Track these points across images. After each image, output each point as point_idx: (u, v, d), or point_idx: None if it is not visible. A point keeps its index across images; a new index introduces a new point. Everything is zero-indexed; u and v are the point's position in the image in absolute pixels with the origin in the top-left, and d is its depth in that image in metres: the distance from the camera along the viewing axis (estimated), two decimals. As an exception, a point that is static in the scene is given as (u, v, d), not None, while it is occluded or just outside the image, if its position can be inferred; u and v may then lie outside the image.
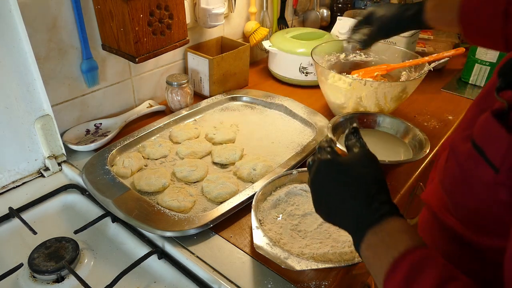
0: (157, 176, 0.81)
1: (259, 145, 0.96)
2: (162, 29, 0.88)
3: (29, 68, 0.76)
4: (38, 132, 0.82)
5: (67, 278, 0.66)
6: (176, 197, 0.76)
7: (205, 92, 1.16)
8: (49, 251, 0.68)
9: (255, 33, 1.28)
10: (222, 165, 0.90)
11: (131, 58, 0.87)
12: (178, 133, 0.96)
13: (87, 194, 0.80)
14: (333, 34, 1.35)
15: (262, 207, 0.74)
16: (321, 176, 0.52)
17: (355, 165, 0.51)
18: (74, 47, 0.89)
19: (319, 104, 1.15)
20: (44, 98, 0.80)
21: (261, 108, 1.12)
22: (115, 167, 0.85)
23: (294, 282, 0.63)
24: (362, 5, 1.69)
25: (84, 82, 0.94)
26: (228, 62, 1.13)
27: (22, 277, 0.65)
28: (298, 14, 1.57)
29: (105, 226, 0.75)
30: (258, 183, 0.80)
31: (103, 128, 0.98)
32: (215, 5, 1.08)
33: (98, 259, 0.70)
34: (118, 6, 0.81)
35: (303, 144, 0.96)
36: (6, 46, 0.72)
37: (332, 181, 0.51)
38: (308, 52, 1.12)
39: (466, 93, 1.25)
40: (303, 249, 0.65)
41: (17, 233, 0.74)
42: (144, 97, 1.10)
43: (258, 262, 0.67)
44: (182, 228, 0.69)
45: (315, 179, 0.53)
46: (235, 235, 0.72)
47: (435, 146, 0.99)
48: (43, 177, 0.85)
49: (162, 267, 0.68)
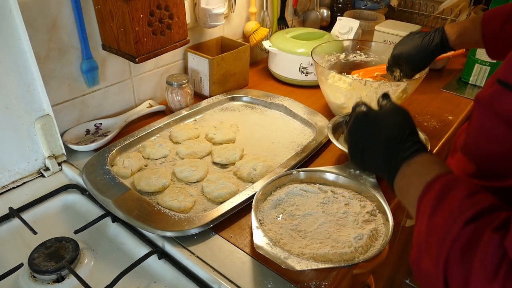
0: (157, 176, 0.81)
1: (259, 145, 0.96)
2: (162, 29, 0.88)
3: (29, 68, 0.76)
4: (38, 132, 0.82)
5: (67, 278, 0.66)
6: (176, 197, 0.76)
7: (205, 92, 1.16)
8: (49, 251, 0.68)
9: (255, 33, 1.28)
10: (222, 165, 0.90)
11: (131, 58, 0.87)
12: (178, 133, 0.96)
13: (87, 194, 0.80)
14: (333, 34, 1.35)
15: (262, 207, 0.74)
16: (358, 125, 0.61)
17: (389, 114, 0.58)
18: (74, 47, 0.89)
19: (319, 104, 1.15)
20: (44, 98, 0.80)
21: (261, 108, 1.12)
22: (115, 167, 0.85)
23: (294, 282, 0.63)
24: (362, 5, 1.69)
25: (84, 82, 0.94)
26: (228, 62, 1.13)
27: (22, 277, 0.65)
28: (298, 14, 1.57)
29: (105, 226, 0.75)
30: (258, 183, 0.80)
31: (103, 128, 0.98)
32: (215, 5, 1.08)
33: (98, 259, 0.70)
34: (118, 6, 0.81)
35: (303, 144, 0.96)
36: (6, 46, 0.72)
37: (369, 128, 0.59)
38: (308, 52, 1.12)
39: (466, 93, 1.25)
40: (303, 249, 0.65)
41: (17, 233, 0.74)
42: (144, 97, 1.10)
43: (258, 262, 0.67)
44: (182, 228, 0.69)
45: (353, 128, 0.61)
46: (235, 235, 0.72)
47: (435, 146, 0.99)
48: (43, 177, 0.85)
49: (162, 267, 0.68)
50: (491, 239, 0.38)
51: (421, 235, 0.46)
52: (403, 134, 0.55)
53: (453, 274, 0.41)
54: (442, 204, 0.45)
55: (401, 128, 0.55)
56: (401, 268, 1.44)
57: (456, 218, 0.42)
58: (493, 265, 0.37)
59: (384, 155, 0.56)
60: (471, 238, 0.40)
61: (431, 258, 0.43)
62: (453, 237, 0.41)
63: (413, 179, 0.51)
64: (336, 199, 0.76)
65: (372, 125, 0.59)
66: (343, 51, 1.18)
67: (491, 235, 0.39)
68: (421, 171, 0.51)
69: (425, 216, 0.46)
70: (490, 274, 0.37)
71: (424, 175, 0.50)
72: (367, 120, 0.60)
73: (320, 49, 1.11)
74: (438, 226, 0.44)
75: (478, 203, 0.42)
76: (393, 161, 0.54)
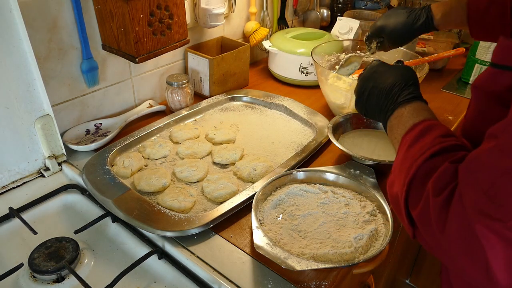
0: (157, 176, 0.81)
1: (259, 145, 0.96)
2: (162, 29, 0.88)
3: (29, 68, 0.76)
4: (38, 132, 0.82)
5: (67, 278, 0.66)
6: (176, 197, 0.76)
7: (205, 92, 1.16)
8: (49, 251, 0.68)
9: (255, 33, 1.28)
10: (222, 165, 0.90)
11: (131, 58, 0.87)
12: (178, 133, 0.96)
13: (87, 194, 0.80)
14: (333, 34, 1.35)
15: (262, 207, 0.74)
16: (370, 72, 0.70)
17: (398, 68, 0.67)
18: (74, 47, 0.89)
19: (319, 104, 1.15)
20: (44, 98, 0.80)
21: (261, 108, 1.12)
22: (115, 167, 0.85)
23: (294, 282, 0.63)
24: (362, 5, 1.69)
25: (84, 82, 0.94)
26: (228, 62, 1.13)
27: (22, 277, 0.65)
28: (298, 14, 1.57)
29: (105, 226, 0.75)
30: (258, 183, 0.80)
31: (103, 128, 0.98)
32: (215, 5, 1.08)
33: (98, 259, 0.70)
34: (118, 6, 0.81)
35: (303, 144, 0.96)
36: (6, 46, 0.72)
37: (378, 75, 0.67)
38: (308, 52, 1.12)
39: (466, 93, 1.25)
40: (303, 249, 0.65)
41: (17, 233, 0.74)
42: (144, 97, 1.10)
43: (258, 262, 0.67)
44: (182, 228, 0.69)
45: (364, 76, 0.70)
46: (235, 235, 0.72)
47: (435, 146, 0.99)
48: (43, 177, 0.85)
49: (162, 267, 0.68)
50: (446, 168, 0.46)
51: (397, 163, 0.55)
52: (406, 83, 0.63)
53: (411, 193, 0.49)
54: (418, 140, 0.53)
55: (405, 79, 0.64)
56: (401, 268, 1.44)
57: (424, 151, 0.50)
58: (442, 185, 0.45)
59: (386, 98, 0.64)
60: (432, 167, 0.48)
61: (400, 181, 0.52)
62: (418, 165, 0.49)
63: (404, 119, 0.59)
64: (336, 199, 0.76)
65: (381, 73, 0.67)
66: (343, 51, 1.18)
67: (447, 165, 0.46)
68: (412, 114, 0.59)
69: (404, 149, 0.54)
70: (437, 191, 0.45)
71: (414, 117, 0.58)
72: (378, 70, 0.69)
73: (320, 49, 1.11)
74: (410, 157, 0.52)
75: (445, 142, 0.50)
76: (392, 102, 0.63)
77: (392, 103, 0.63)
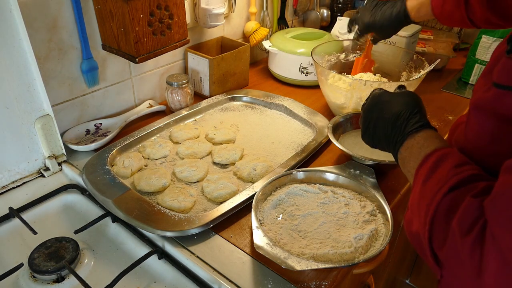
0: (157, 176, 0.81)
1: (259, 145, 0.96)
2: (162, 29, 0.88)
3: (29, 68, 0.76)
4: (38, 132, 0.82)
5: (67, 278, 0.66)
6: (176, 197, 0.76)
7: (205, 92, 1.16)
8: (49, 251, 0.68)
9: (255, 33, 1.28)
10: (222, 165, 0.90)
11: (131, 58, 0.87)
12: (178, 133, 0.96)
13: (87, 194, 0.80)
14: (333, 34, 1.35)
15: (262, 207, 0.74)
16: (373, 102, 0.67)
17: (402, 95, 0.65)
18: (74, 47, 0.89)
19: (319, 104, 1.15)
20: (44, 98, 0.80)
21: (261, 108, 1.12)
22: (115, 167, 0.85)
23: (294, 282, 0.63)
24: (362, 5, 1.69)
25: (84, 82, 0.94)
26: (228, 62, 1.13)
27: (22, 277, 0.65)
28: (298, 14, 1.57)
29: (105, 226, 0.75)
30: (258, 183, 0.80)
31: (103, 128, 0.98)
32: (215, 5, 1.08)
33: (98, 259, 0.70)
34: (118, 6, 0.81)
35: (303, 144, 0.96)
36: (6, 46, 0.72)
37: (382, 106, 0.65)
38: (308, 52, 1.12)
39: (466, 93, 1.26)
40: (303, 249, 0.65)
41: (17, 233, 0.74)
42: (144, 97, 1.10)
43: (258, 262, 0.67)
44: (182, 228, 0.69)
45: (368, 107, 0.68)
46: (235, 235, 0.72)
47: (435, 146, 0.99)
48: (43, 177, 0.85)
49: (162, 267, 0.68)
50: (469, 203, 0.43)
51: (414, 200, 0.52)
52: (412, 111, 0.61)
53: (435, 232, 0.46)
54: (434, 173, 0.51)
55: (411, 107, 0.62)
56: (401, 268, 1.44)
57: (442, 186, 0.47)
58: (468, 223, 0.42)
59: (393, 129, 0.62)
60: (453, 202, 0.45)
61: (420, 219, 0.49)
62: (438, 201, 0.47)
63: (415, 150, 0.57)
64: (336, 199, 0.76)
65: (385, 104, 0.65)
66: (343, 51, 1.18)
67: (470, 200, 0.44)
68: (423, 144, 0.57)
69: (419, 183, 0.52)
70: (464, 230, 0.42)
71: (425, 147, 0.56)
72: (381, 99, 0.66)
73: (320, 49, 1.11)
74: (427, 192, 0.49)
75: (462, 173, 0.48)
76: (400, 133, 0.61)
77: (400, 134, 0.61)
